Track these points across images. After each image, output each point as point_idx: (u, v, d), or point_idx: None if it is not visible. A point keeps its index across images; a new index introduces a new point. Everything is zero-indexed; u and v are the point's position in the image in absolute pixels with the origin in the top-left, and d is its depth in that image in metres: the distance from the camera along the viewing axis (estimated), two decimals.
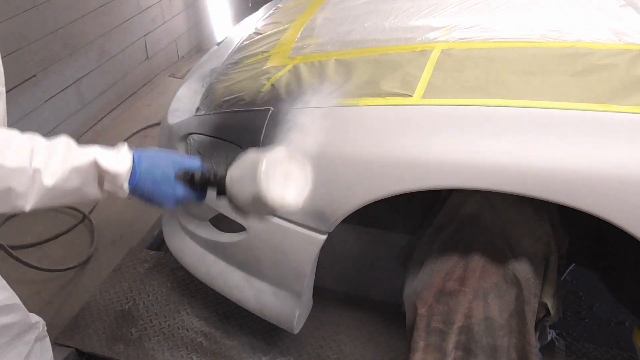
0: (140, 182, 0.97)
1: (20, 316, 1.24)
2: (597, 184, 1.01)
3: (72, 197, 0.93)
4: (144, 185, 0.98)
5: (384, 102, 1.21)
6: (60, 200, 0.92)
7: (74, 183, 0.90)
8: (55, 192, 0.89)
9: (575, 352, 1.61)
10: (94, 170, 0.92)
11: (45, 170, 0.87)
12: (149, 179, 0.98)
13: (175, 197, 1.01)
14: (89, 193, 0.94)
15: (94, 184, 0.94)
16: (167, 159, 1.01)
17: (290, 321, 1.45)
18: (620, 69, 1.14)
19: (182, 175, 1.01)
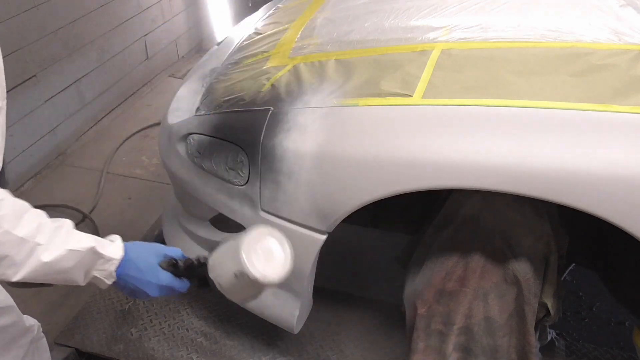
0: (125, 270, 0.99)
1: (14, 318, 1.23)
2: (597, 184, 1.01)
3: (57, 277, 0.95)
4: (129, 274, 1.00)
5: (384, 102, 1.21)
6: (45, 278, 0.94)
7: (67, 264, 0.93)
8: (46, 268, 0.91)
9: (575, 352, 1.61)
10: (90, 255, 0.96)
11: (47, 247, 0.90)
12: (133, 268, 1.00)
13: (158, 285, 1.03)
14: (74, 277, 0.97)
15: (83, 269, 0.97)
16: (150, 249, 1.05)
17: (290, 321, 1.45)
18: (620, 69, 1.14)
19: (165, 264, 1.03)
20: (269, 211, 1.33)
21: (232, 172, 1.35)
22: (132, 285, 1.02)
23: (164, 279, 1.03)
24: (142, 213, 2.46)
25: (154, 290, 1.03)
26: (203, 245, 1.62)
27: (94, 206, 2.50)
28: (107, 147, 2.92)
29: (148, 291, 1.03)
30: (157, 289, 1.03)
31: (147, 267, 1.02)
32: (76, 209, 2.46)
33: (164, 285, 1.03)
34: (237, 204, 1.39)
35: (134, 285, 1.02)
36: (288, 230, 1.32)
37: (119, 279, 1.00)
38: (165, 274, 1.03)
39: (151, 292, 1.03)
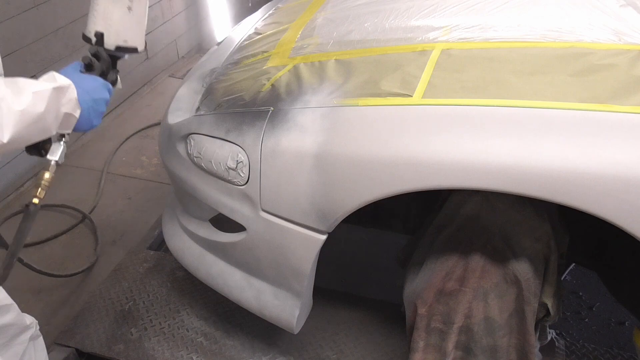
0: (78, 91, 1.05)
1: (15, 316, 1.24)
2: (597, 184, 1.01)
3: (36, 127, 0.97)
4: (82, 97, 1.06)
5: (384, 102, 1.21)
6: (28, 131, 0.95)
7: (38, 108, 0.95)
8: (25, 117, 0.93)
9: (575, 352, 1.61)
10: (53, 92, 0.98)
11: (11, 98, 0.92)
12: (80, 88, 1.05)
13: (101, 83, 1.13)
14: (47, 123, 0.99)
15: (53, 109, 0.99)
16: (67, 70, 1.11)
17: (290, 321, 1.45)
18: (620, 69, 1.14)
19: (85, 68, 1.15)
20: (269, 211, 1.33)
21: (232, 172, 1.35)
22: (86, 110, 1.07)
23: (100, 80, 1.13)
24: (142, 213, 2.46)
25: (103, 93, 1.12)
26: (203, 245, 1.62)
27: (94, 206, 2.50)
28: (107, 147, 2.92)
29: (100, 104, 1.11)
30: (104, 92, 1.12)
31: (83, 82, 1.07)
32: (76, 209, 2.46)
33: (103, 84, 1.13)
34: (237, 204, 1.39)
35: (87, 109, 1.08)
36: (288, 230, 1.32)
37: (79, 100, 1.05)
38: (96, 77, 1.13)
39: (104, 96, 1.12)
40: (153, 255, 2.09)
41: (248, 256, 1.46)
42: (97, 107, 1.11)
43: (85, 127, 1.11)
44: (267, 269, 1.44)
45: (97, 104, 1.11)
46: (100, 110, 1.12)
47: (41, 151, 1.12)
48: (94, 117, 1.11)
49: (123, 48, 1.18)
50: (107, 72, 1.19)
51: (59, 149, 1.14)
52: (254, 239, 1.41)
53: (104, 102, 1.13)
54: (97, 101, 1.10)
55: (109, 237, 2.34)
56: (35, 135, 0.99)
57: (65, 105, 1.02)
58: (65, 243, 2.31)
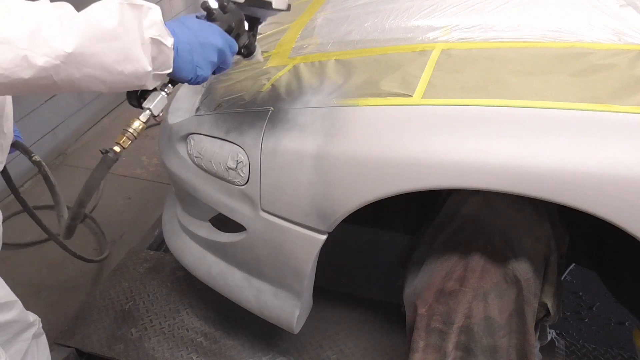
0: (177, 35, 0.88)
1: (18, 313, 1.24)
2: (597, 184, 1.01)
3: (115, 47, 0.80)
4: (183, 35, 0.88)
5: (384, 102, 1.21)
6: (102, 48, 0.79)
7: (108, 21, 0.79)
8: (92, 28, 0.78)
9: (575, 352, 1.61)
10: (120, 6, 0.81)
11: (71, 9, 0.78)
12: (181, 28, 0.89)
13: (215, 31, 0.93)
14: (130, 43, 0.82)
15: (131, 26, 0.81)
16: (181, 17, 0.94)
17: (290, 321, 1.45)
18: (620, 69, 1.14)
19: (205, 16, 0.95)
20: (269, 211, 1.33)
21: (232, 172, 1.35)
22: (188, 51, 0.88)
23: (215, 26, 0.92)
24: (142, 213, 2.47)
25: (215, 39, 0.91)
26: (203, 245, 1.62)
27: (94, 206, 2.50)
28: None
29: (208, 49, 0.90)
30: (216, 38, 0.91)
31: (191, 24, 0.89)
32: None
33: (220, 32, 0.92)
34: (237, 204, 1.39)
35: (190, 51, 0.88)
36: (288, 230, 1.32)
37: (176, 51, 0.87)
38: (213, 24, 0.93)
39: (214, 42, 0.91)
40: (153, 255, 2.09)
41: (248, 256, 1.46)
42: (205, 53, 0.91)
43: (187, 73, 0.92)
44: (267, 269, 1.44)
45: (205, 49, 0.91)
46: (209, 58, 0.93)
47: (140, 100, 0.98)
48: (199, 62, 0.92)
49: (260, 2, 0.98)
50: (236, 29, 0.99)
51: (157, 97, 0.99)
52: (254, 239, 1.41)
53: (215, 50, 0.93)
54: (205, 45, 0.91)
55: (109, 237, 2.34)
56: (115, 59, 0.81)
57: (149, 28, 0.84)
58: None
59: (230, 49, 0.98)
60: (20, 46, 0.73)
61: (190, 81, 0.95)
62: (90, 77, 0.81)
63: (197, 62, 0.92)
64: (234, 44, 0.99)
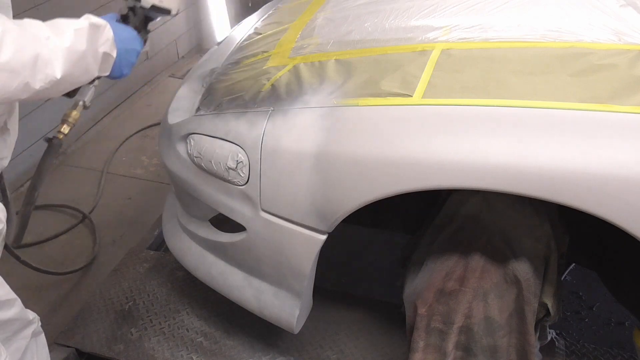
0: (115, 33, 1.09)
1: (18, 311, 1.25)
2: (597, 184, 1.01)
3: (81, 66, 1.00)
4: (116, 37, 1.09)
5: (384, 102, 1.21)
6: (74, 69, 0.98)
7: (81, 46, 0.99)
8: (71, 55, 0.97)
9: (575, 352, 1.61)
10: (91, 29, 1.02)
11: (55, 36, 0.96)
12: (115, 30, 1.09)
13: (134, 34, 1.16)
14: (89, 62, 1.03)
15: (92, 48, 1.02)
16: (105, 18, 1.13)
17: (290, 321, 1.45)
18: (620, 69, 1.14)
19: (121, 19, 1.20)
20: (269, 211, 1.33)
21: (232, 172, 1.35)
22: (121, 53, 1.10)
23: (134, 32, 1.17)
24: (142, 213, 2.46)
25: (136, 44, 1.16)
26: (203, 245, 1.62)
27: (94, 206, 2.50)
28: (107, 147, 2.92)
29: (131, 55, 1.14)
30: (137, 43, 1.16)
31: (118, 30, 1.10)
32: (76, 209, 2.46)
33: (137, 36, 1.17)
34: (237, 204, 1.39)
35: (119, 56, 1.10)
36: (288, 230, 1.32)
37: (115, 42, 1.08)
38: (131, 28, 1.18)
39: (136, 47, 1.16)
40: (153, 255, 2.09)
41: (248, 256, 1.46)
42: (129, 57, 1.14)
43: (116, 74, 1.13)
44: (267, 269, 1.44)
45: (129, 54, 1.14)
46: (131, 60, 1.15)
47: (70, 93, 1.16)
48: (124, 65, 1.14)
49: (158, 8, 1.24)
50: (139, 28, 1.24)
51: (89, 90, 1.22)
52: (254, 239, 1.41)
53: (136, 53, 1.16)
54: (129, 51, 1.14)
55: (109, 237, 2.34)
56: (80, 75, 1.02)
57: (103, 44, 1.05)
58: (65, 243, 2.31)
59: (141, 46, 1.20)
60: (24, 74, 0.90)
61: (115, 78, 1.17)
62: (60, 91, 1.03)
63: (123, 65, 1.14)
64: (142, 43, 1.22)
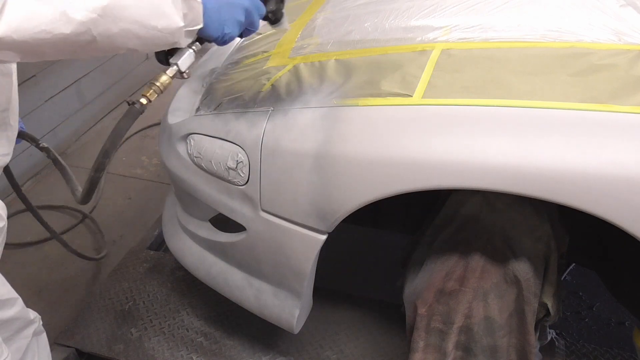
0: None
1: (19, 310, 1.24)
2: (597, 184, 1.01)
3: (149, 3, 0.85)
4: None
5: (384, 102, 1.21)
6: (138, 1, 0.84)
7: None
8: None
9: (575, 352, 1.61)
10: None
11: None
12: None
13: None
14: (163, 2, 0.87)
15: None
16: None
17: (290, 321, 1.45)
18: (620, 69, 1.14)
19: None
20: (269, 211, 1.33)
21: (232, 172, 1.35)
22: (217, 9, 0.93)
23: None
24: (142, 213, 2.47)
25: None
26: (203, 246, 1.62)
27: (94, 206, 2.50)
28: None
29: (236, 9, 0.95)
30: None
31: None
32: (76, 209, 2.46)
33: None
34: (237, 204, 1.39)
35: (219, 9, 0.94)
36: (288, 230, 1.32)
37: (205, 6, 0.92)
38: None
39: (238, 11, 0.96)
40: (153, 255, 2.09)
41: (248, 256, 1.46)
42: (233, 12, 0.96)
43: (215, 31, 0.96)
44: (267, 269, 1.44)
45: (233, 8, 0.96)
46: (236, 17, 0.97)
47: (167, 57, 1.02)
48: (227, 21, 0.96)
49: None
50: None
51: (184, 53, 1.04)
52: (254, 239, 1.41)
53: (243, 10, 0.98)
54: (233, 4, 0.96)
55: (109, 237, 2.34)
56: (148, 16, 0.86)
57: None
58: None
59: (258, 11, 1.02)
60: (59, 2, 0.77)
61: (217, 40, 0.99)
62: (127, 32, 0.85)
63: (225, 21, 0.95)
64: (262, 6, 1.02)
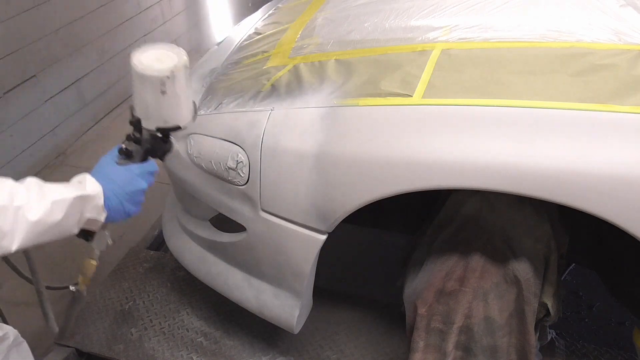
0: (106, 193, 1.01)
1: None
2: (597, 184, 1.01)
3: (52, 233, 0.95)
4: (110, 196, 1.02)
5: (384, 102, 1.21)
6: (42, 238, 0.93)
7: (56, 216, 0.93)
8: (38, 227, 0.91)
9: (575, 352, 1.61)
10: (76, 201, 0.95)
11: (28, 206, 0.90)
12: (109, 189, 1.01)
13: (135, 174, 1.04)
14: (67, 227, 0.97)
15: (74, 217, 0.96)
16: (106, 161, 1.06)
17: (290, 321, 1.45)
18: (620, 69, 1.14)
19: (120, 159, 1.05)
20: (269, 211, 1.33)
21: (232, 172, 1.35)
22: (119, 203, 1.03)
23: (136, 169, 1.05)
24: (142, 213, 2.45)
25: (139, 183, 1.05)
26: (203, 245, 1.62)
27: None
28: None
29: (137, 189, 1.04)
30: (140, 182, 1.05)
31: (116, 176, 1.03)
32: None
33: (140, 172, 1.05)
34: (237, 204, 1.39)
35: (121, 203, 1.03)
36: (288, 230, 1.32)
37: (108, 209, 1.01)
38: (133, 167, 1.05)
39: (140, 184, 1.05)
40: (153, 255, 2.09)
41: (248, 256, 1.46)
42: (133, 198, 1.06)
43: (120, 218, 1.07)
44: (267, 269, 1.44)
45: (133, 196, 1.05)
46: (137, 200, 1.07)
47: (87, 237, 1.10)
48: (130, 206, 1.06)
49: (164, 129, 1.09)
50: (153, 149, 1.10)
51: (103, 237, 1.13)
52: (254, 239, 1.41)
53: (141, 192, 1.07)
54: (133, 193, 1.05)
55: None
56: (51, 238, 0.96)
57: (90, 211, 0.99)
58: (65, 243, 2.30)
59: (153, 174, 1.10)
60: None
61: (123, 220, 1.09)
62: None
63: (128, 208, 1.06)
64: (154, 167, 1.10)
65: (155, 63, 1.01)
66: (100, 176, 1.02)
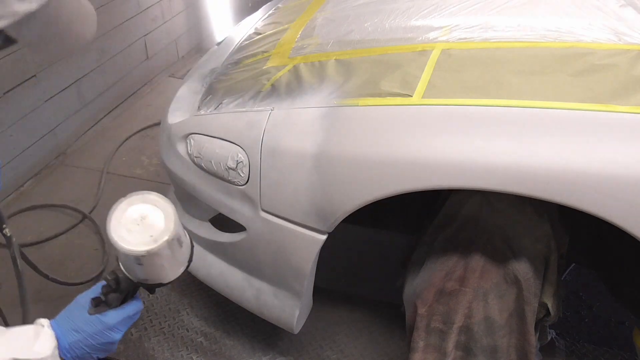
0: (70, 347, 0.91)
1: None
2: (597, 184, 1.01)
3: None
4: (75, 347, 0.91)
5: (384, 102, 1.21)
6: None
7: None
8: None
9: (575, 352, 1.61)
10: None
11: None
12: (73, 336, 0.91)
13: (108, 326, 0.92)
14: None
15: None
16: (74, 309, 0.95)
17: (290, 321, 1.45)
18: (620, 69, 1.15)
19: (93, 310, 0.93)
20: (269, 211, 1.33)
21: (232, 172, 1.35)
22: (86, 353, 0.91)
23: (109, 318, 0.93)
24: None
25: (111, 336, 0.93)
26: (203, 246, 1.62)
27: (94, 206, 2.50)
28: (107, 147, 2.92)
29: (109, 341, 0.93)
30: (113, 335, 0.93)
31: (86, 327, 0.92)
32: (76, 209, 2.46)
33: (113, 321, 0.93)
34: (237, 204, 1.39)
35: (88, 353, 0.92)
36: (288, 230, 1.32)
37: (72, 356, 0.90)
38: (108, 316, 0.93)
39: (112, 340, 0.93)
40: None
41: (248, 256, 1.46)
42: (106, 347, 0.95)
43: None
44: (267, 269, 1.44)
45: (106, 346, 0.94)
46: (110, 349, 0.96)
47: None
48: (101, 354, 0.95)
49: (145, 285, 0.99)
50: (132, 291, 0.99)
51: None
52: (254, 239, 1.41)
53: (115, 341, 0.96)
54: (105, 344, 0.94)
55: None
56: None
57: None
58: (65, 243, 2.30)
59: (135, 316, 0.98)
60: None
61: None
62: None
63: (97, 354, 0.94)
64: (137, 308, 0.99)
65: (134, 230, 0.87)
66: (65, 326, 0.92)
